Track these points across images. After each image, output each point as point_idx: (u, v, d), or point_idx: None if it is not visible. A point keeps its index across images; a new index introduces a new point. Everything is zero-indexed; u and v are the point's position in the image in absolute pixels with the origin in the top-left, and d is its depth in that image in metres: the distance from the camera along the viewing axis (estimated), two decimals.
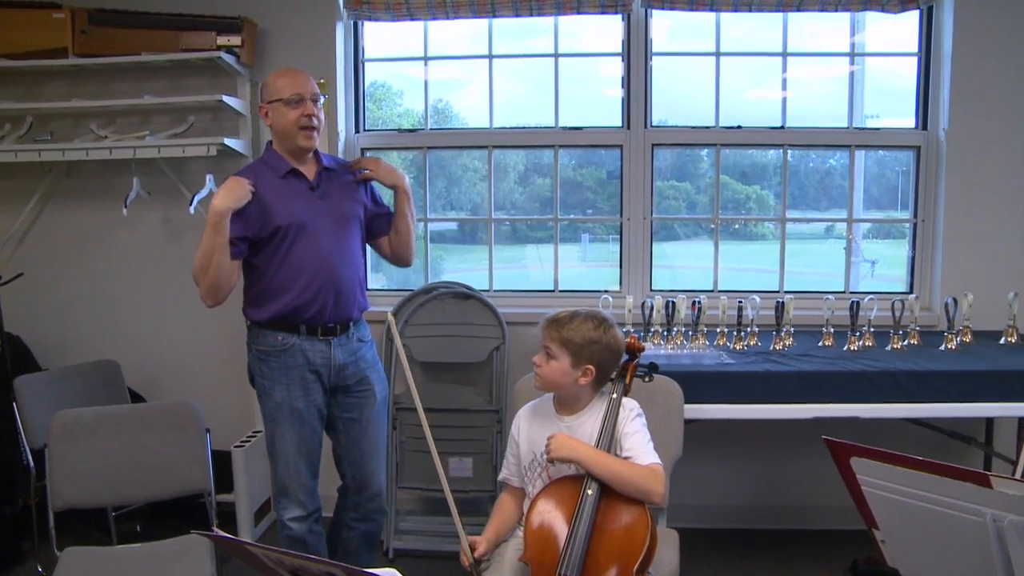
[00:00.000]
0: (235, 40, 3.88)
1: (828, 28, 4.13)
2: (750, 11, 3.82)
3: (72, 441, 2.94)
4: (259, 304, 2.91)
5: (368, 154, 4.31)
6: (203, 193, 3.92)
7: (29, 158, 4.05)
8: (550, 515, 2.27)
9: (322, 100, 2.94)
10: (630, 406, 2.40)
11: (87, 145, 4.03)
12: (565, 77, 4.21)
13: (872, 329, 3.50)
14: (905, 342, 3.48)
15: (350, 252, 2.99)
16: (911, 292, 4.01)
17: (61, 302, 4.39)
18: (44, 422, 3.09)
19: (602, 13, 3.96)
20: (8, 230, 4.35)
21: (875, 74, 4.17)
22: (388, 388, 3.23)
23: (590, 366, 2.36)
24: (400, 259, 3.22)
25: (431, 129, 4.32)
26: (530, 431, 2.48)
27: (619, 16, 4.04)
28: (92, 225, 4.32)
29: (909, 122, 4.08)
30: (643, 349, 2.55)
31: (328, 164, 3.02)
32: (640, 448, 2.32)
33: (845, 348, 3.44)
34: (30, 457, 3.53)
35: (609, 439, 2.32)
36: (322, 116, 2.92)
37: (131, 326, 4.34)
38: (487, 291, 4.23)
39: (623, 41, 4.08)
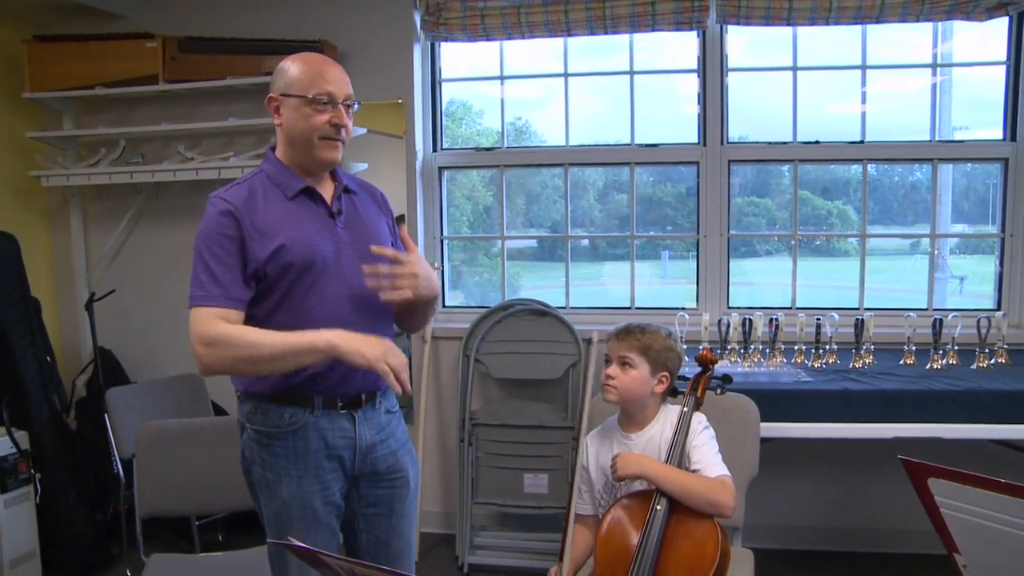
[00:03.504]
0: None
1: (912, 38, 4.04)
2: (827, 24, 3.76)
3: (158, 451, 3.04)
4: None
5: (446, 174, 4.39)
6: None
7: (122, 180, 4.25)
8: (620, 530, 2.27)
9: (356, 107, 2.22)
10: (698, 419, 2.39)
11: (175, 166, 4.19)
12: (644, 93, 4.20)
13: (956, 347, 3.40)
14: (992, 360, 3.37)
15: (380, 300, 2.16)
16: (999, 309, 3.88)
17: (150, 317, 4.55)
18: (133, 432, 3.20)
19: (677, 30, 3.93)
20: (102, 248, 4.54)
21: (964, 84, 4.06)
22: (419, 471, 2.49)
23: (666, 373, 2.38)
24: (407, 330, 2.50)
25: (507, 147, 4.36)
26: (599, 455, 2.48)
27: (694, 32, 4.02)
28: (179, 243, 4.44)
29: (1000, 133, 3.95)
30: (716, 361, 2.54)
31: (348, 183, 2.29)
32: (708, 459, 2.30)
33: (928, 367, 3.35)
34: (120, 466, 3.66)
35: (679, 453, 2.31)
36: (351, 126, 2.20)
37: None
38: (563, 308, 4.24)
39: (698, 57, 4.06)
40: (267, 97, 2.17)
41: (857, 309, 3.98)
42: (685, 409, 2.38)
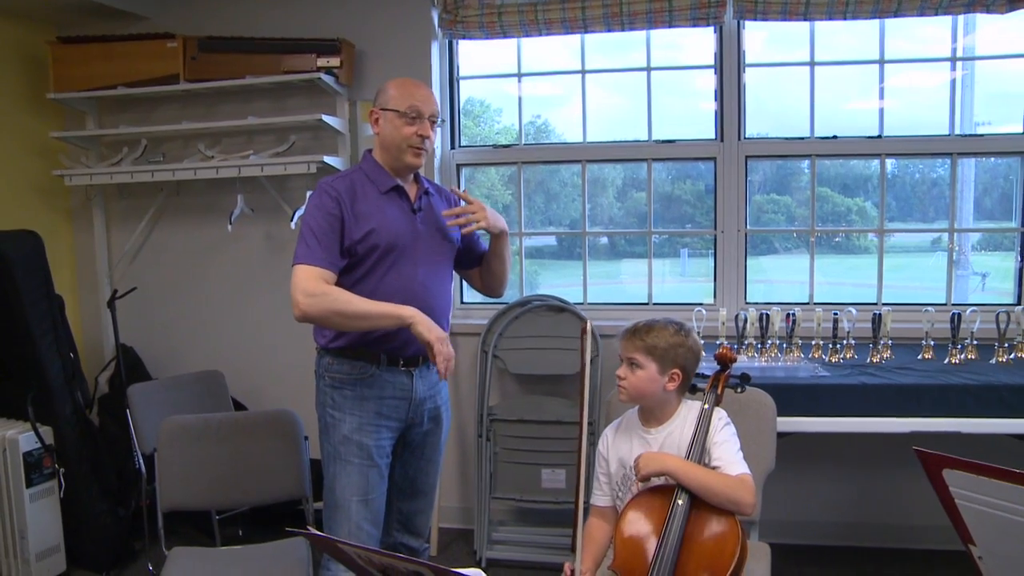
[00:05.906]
0: (334, 61, 4.02)
1: (933, 32, 3.99)
2: (845, 19, 3.74)
3: (179, 447, 3.08)
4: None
5: (464, 171, 4.41)
6: (303, 209, 4.05)
7: (143, 178, 4.29)
8: (640, 525, 2.27)
9: (440, 122, 2.74)
10: (719, 415, 2.38)
11: (195, 165, 4.23)
12: (661, 90, 4.20)
13: (975, 342, 3.39)
14: (1012, 355, 3.35)
15: (444, 282, 2.78)
16: (1018, 304, 3.86)
17: (170, 315, 4.60)
18: (154, 428, 3.24)
19: (693, 26, 3.93)
20: (124, 246, 4.59)
21: (988, 78, 4.00)
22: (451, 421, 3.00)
23: (676, 370, 2.37)
24: (492, 292, 3.01)
25: (525, 144, 4.38)
26: (618, 447, 2.49)
27: (711, 28, 4.01)
28: (199, 241, 4.52)
29: (1021, 127, 3.91)
30: (735, 359, 2.54)
31: (428, 188, 2.80)
32: (729, 457, 2.30)
33: (946, 361, 3.33)
34: (141, 461, 3.71)
35: (700, 450, 2.30)
36: (435, 139, 2.71)
37: (235, 338, 4.50)
38: (581, 304, 4.25)
39: (715, 53, 4.05)
40: (369, 111, 2.70)
41: (875, 305, 3.96)
42: (706, 406, 2.38)
